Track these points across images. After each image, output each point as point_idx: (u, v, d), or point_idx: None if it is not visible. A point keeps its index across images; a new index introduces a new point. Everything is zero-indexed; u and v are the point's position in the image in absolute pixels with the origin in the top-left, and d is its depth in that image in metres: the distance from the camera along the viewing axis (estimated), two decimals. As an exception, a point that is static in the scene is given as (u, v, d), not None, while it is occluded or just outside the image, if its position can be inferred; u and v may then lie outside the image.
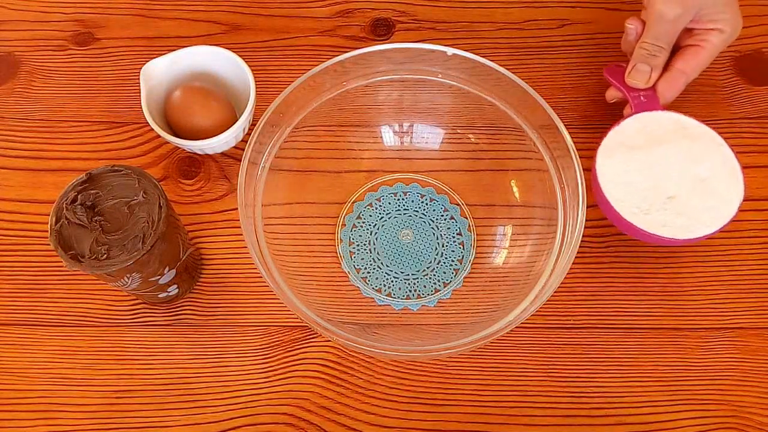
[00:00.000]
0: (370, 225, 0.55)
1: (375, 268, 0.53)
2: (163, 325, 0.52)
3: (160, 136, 0.53)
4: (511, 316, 0.44)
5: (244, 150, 0.47)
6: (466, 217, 0.55)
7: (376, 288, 0.53)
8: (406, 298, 0.52)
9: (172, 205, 0.46)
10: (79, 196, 0.43)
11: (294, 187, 0.53)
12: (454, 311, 0.52)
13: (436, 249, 0.54)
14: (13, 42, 0.62)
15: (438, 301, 0.52)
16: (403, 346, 0.49)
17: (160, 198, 0.43)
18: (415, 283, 0.53)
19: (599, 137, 0.52)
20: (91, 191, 0.43)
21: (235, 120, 0.54)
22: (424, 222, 0.55)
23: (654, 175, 0.50)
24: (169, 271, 0.47)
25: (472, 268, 0.53)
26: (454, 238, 0.54)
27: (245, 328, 0.51)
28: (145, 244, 0.42)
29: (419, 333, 0.51)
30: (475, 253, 0.53)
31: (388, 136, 0.56)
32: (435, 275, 0.53)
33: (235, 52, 0.55)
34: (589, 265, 0.53)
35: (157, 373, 0.50)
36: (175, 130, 0.55)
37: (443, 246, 0.54)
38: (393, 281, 0.53)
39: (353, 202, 0.55)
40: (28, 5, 0.63)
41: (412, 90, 0.54)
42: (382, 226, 0.55)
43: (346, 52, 0.49)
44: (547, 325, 0.51)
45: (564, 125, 0.47)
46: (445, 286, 0.53)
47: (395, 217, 0.55)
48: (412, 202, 0.55)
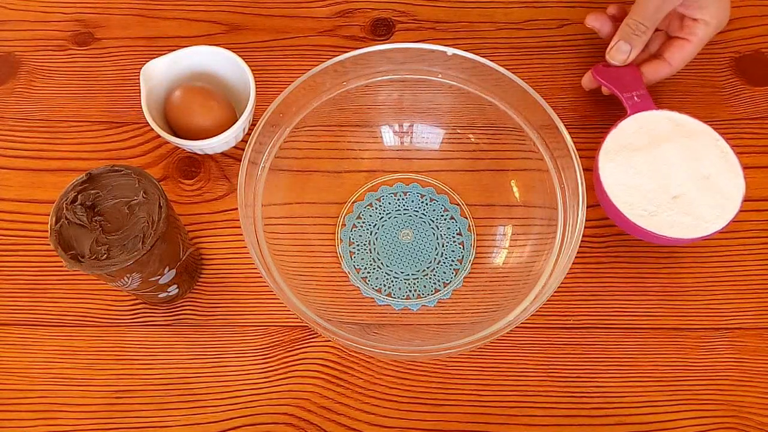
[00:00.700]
0: (370, 225, 0.55)
1: (375, 268, 0.53)
2: (163, 325, 0.52)
3: (160, 136, 0.53)
4: (511, 316, 0.44)
5: (244, 150, 0.47)
6: (466, 217, 0.55)
7: (376, 288, 0.53)
8: (406, 298, 0.52)
9: (172, 205, 0.46)
10: (79, 196, 0.43)
11: (294, 187, 0.53)
12: (454, 311, 0.52)
13: (436, 249, 0.54)
14: (13, 42, 0.62)
15: (438, 301, 0.52)
16: (403, 346, 0.49)
17: (160, 198, 0.43)
18: (415, 283, 0.53)
19: (599, 137, 0.52)
20: (91, 191, 0.43)
21: (235, 120, 0.54)
22: (424, 222, 0.55)
23: (657, 176, 0.50)
24: (169, 271, 0.47)
25: (472, 268, 0.53)
26: (454, 238, 0.54)
27: (245, 328, 0.51)
28: (145, 244, 0.42)
29: (419, 333, 0.51)
30: (475, 253, 0.53)
31: (388, 136, 0.56)
32: (435, 275, 0.53)
33: (235, 52, 0.55)
34: (589, 265, 0.53)
35: (157, 373, 0.50)
36: (175, 130, 0.55)
37: (443, 246, 0.54)
38: (393, 281, 0.53)
39: (353, 202, 0.55)
40: (28, 5, 0.63)
41: (412, 90, 0.54)
42: (382, 226, 0.55)
43: (346, 52, 0.49)
44: (547, 325, 0.51)
45: (564, 125, 0.47)
46: (445, 286, 0.53)
47: (395, 217, 0.55)
48: (412, 202, 0.55)
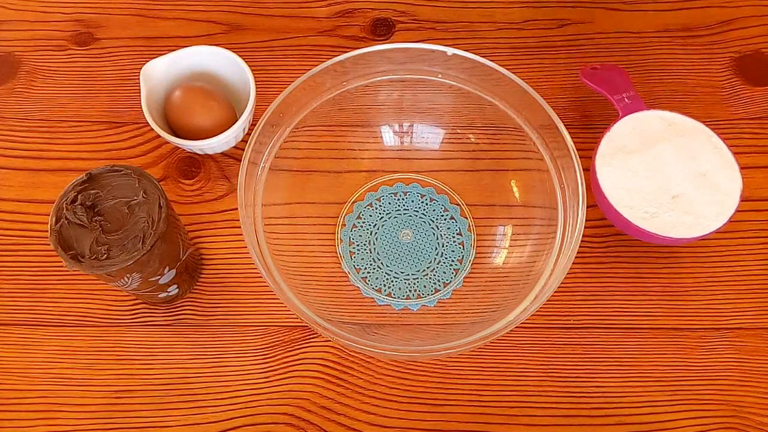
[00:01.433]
0: (370, 225, 0.55)
1: (375, 268, 0.53)
2: (163, 325, 0.52)
3: (160, 136, 0.53)
4: (511, 316, 0.44)
5: (244, 150, 0.47)
6: (466, 217, 0.55)
7: (376, 288, 0.53)
8: (406, 298, 0.52)
9: (172, 205, 0.46)
10: (79, 196, 0.43)
11: (294, 187, 0.53)
12: (454, 311, 0.52)
13: (436, 249, 0.54)
14: (13, 42, 0.62)
15: (438, 301, 0.52)
16: (403, 346, 0.49)
17: (160, 198, 0.43)
18: (415, 283, 0.53)
19: (599, 137, 0.52)
20: (91, 191, 0.43)
21: (235, 120, 0.54)
22: (424, 222, 0.55)
23: (656, 177, 0.50)
24: (169, 271, 0.47)
25: (472, 268, 0.53)
26: (454, 238, 0.54)
27: (245, 328, 0.51)
28: (145, 244, 0.42)
29: (419, 333, 0.51)
30: (475, 253, 0.53)
31: (388, 136, 0.56)
32: (435, 275, 0.53)
33: (235, 52, 0.55)
34: (589, 265, 0.53)
35: (157, 373, 0.50)
36: (175, 130, 0.55)
37: (443, 246, 0.54)
38: (393, 281, 0.53)
39: (353, 202, 0.55)
40: (28, 5, 0.63)
41: (412, 90, 0.54)
42: (382, 226, 0.55)
43: (346, 52, 0.49)
44: (547, 325, 0.51)
45: (564, 125, 0.47)
46: (445, 286, 0.53)
47: (395, 217, 0.55)
48: (412, 202, 0.55)
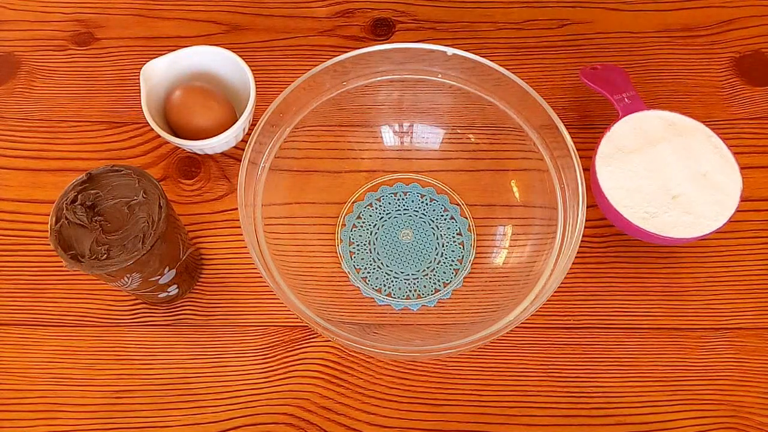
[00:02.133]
0: (370, 225, 0.55)
1: (375, 268, 0.53)
2: (163, 325, 0.52)
3: (160, 136, 0.53)
4: (511, 316, 0.44)
5: (244, 150, 0.47)
6: (466, 217, 0.55)
7: (376, 288, 0.53)
8: (406, 298, 0.52)
9: (172, 205, 0.46)
10: (79, 196, 0.43)
11: (294, 187, 0.53)
12: (454, 311, 0.52)
13: (436, 249, 0.54)
14: (13, 42, 0.62)
15: (438, 301, 0.52)
16: (403, 346, 0.49)
17: (160, 198, 0.43)
18: (415, 283, 0.53)
19: (599, 137, 0.52)
20: (91, 191, 0.43)
21: (235, 120, 0.54)
22: (424, 222, 0.55)
23: (656, 177, 0.50)
24: (169, 271, 0.47)
25: (472, 268, 0.53)
26: (454, 238, 0.54)
27: (245, 328, 0.51)
28: (145, 244, 0.42)
29: (419, 333, 0.51)
30: (475, 253, 0.53)
31: (388, 136, 0.56)
32: (435, 275, 0.53)
33: (235, 52, 0.55)
34: (589, 265, 0.53)
35: (157, 373, 0.50)
36: (175, 130, 0.55)
37: (443, 246, 0.54)
38: (393, 281, 0.53)
39: (353, 202, 0.55)
40: (28, 5, 0.63)
41: (412, 90, 0.54)
42: (382, 226, 0.55)
43: (346, 52, 0.49)
44: (547, 325, 0.51)
45: (564, 125, 0.47)
46: (445, 286, 0.53)
47: (395, 217, 0.55)
48: (412, 202, 0.55)
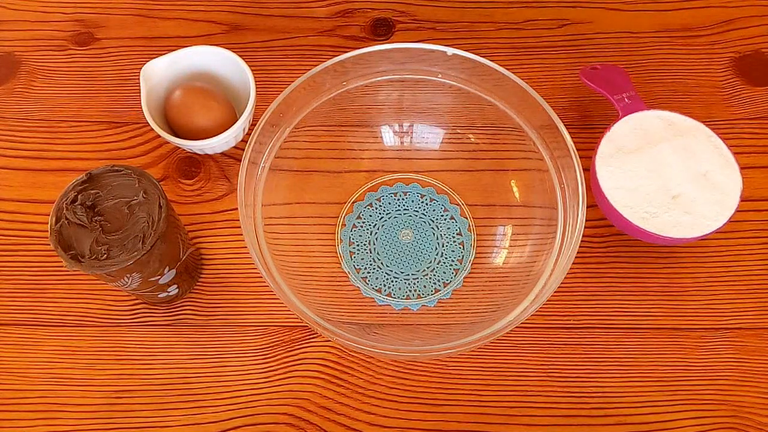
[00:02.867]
0: (370, 225, 0.55)
1: (375, 268, 0.53)
2: (163, 325, 0.52)
3: (160, 136, 0.53)
4: (511, 316, 0.44)
5: (244, 150, 0.47)
6: (466, 217, 0.55)
7: (376, 288, 0.53)
8: (406, 298, 0.52)
9: (172, 205, 0.46)
10: (79, 196, 0.43)
11: (294, 187, 0.53)
12: (454, 311, 0.52)
13: (436, 249, 0.54)
14: (13, 42, 0.62)
15: (438, 301, 0.52)
16: (403, 346, 0.49)
17: (160, 198, 0.43)
18: (415, 283, 0.53)
19: (599, 137, 0.52)
20: (91, 191, 0.43)
21: (235, 120, 0.54)
22: (424, 222, 0.55)
23: (656, 177, 0.50)
24: (169, 271, 0.47)
25: (472, 268, 0.53)
26: (454, 238, 0.54)
27: (245, 328, 0.51)
28: (145, 244, 0.42)
29: (419, 333, 0.51)
30: (475, 253, 0.53)
31: (388, 136, 0.56)
32: (435, 275, 0.53)
33: (235, 52, 0.55)
34: (589, 265, 0.53)
35: (157, 373, 0.50)
36: (175, 130, 0.55)
37: (443, 246, 0.54)
38: (393, 281, 0.53)
39: (353, 202, 0.55)
40: (28, 5, 0.63)
41: (412, 90, 0.54)
42: (382, 226, 0.55)
43: (346, 52, 0.49)
44: (547, 325, 0.51)
45: (564, 125, 0.47)
46: (445, 286, 0.53)
47: (395, 217, 0.55)
48: (412, 202, 0.55)
